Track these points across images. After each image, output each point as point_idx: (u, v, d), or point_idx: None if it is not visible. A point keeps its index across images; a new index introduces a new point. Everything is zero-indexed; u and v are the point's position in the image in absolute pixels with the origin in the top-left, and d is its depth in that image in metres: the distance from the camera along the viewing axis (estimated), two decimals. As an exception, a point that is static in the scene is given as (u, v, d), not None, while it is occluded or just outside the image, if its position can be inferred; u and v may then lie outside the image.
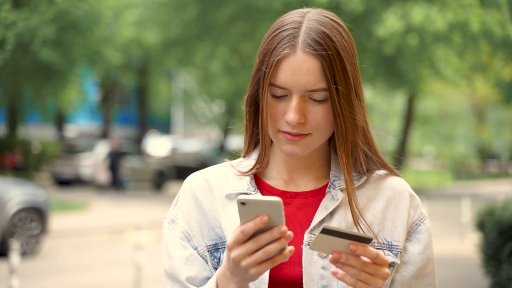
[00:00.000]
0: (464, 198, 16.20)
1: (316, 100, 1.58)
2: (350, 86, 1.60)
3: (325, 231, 1.40)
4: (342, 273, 1.45)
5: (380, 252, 1.46)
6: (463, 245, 13.74)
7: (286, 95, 1.59)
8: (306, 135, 1.60)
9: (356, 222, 1.62)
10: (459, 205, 16.66)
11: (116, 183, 23.64)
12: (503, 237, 7.37)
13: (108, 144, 24.96)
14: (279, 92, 1.59)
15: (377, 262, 1.43)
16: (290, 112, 1.57)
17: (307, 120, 1.59)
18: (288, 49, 1.57)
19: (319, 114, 1.59)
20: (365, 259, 1.43)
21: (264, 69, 1.59)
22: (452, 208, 20.16)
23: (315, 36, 1.58)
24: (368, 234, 1.47)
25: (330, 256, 1.44)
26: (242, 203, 1.40)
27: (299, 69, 1.56)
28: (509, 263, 7.28)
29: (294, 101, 1.57)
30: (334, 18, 1.64)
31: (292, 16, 1.63)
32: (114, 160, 23.35)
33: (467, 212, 15.00)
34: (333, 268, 1.54)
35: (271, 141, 1.70)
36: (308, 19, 1.61)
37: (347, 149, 1.63)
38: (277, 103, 1.60)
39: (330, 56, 1.57)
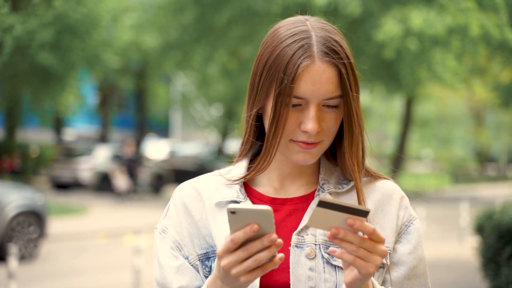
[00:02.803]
0: (463, 202, 16.21)
1: (329, 107, 1.59)
2: (358, 92, 1.62)
3: (322, 204, 1.40)
4: (341, 250, 1.45)
5: (377, 229, 1.45)
6: (462, 248, 13.73)
7: (301, 105, 1.59)
8: (318, 142, 1.61)
9: None
10: (458, 208, 16.67)
11: (136, 189, 23.58)
12: (502, 240, 7.36)
13: (124, 150, 24.77)
14: (295, 102, 1.59)
15: (373, 238, 1.43)
16: (309, 122, 1.57)
17: (322, 128, 1.60)
18: (307, 59, 1.57)
19: (331, 120, 1.60)
20: (363, 235, 1.44)
21: (288, 84, 1.57)
22: (451, 211, 20.16)
23: (328, 44, 1.58)
24: (365, 207, 1.47)
25: (328, 233, 1.43)
26: (232, 212, 1.40)
27: (318, 78, 1.56)
28: (508, 267, 7.27)
29: (312, 111, 1.58)
30: (332, 25, 1.65)
31: (295, 25, 1.63)
32: (132, 166, 23.22)
33: (466, 216, 15.00)
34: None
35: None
36: (314, 28, 1.61)
37: (359, 157, 1.64)
38: (291, 113, 1.60)
39: (346, 63, 1.58)
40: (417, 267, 1.69)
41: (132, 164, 23.25)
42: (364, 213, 1.41)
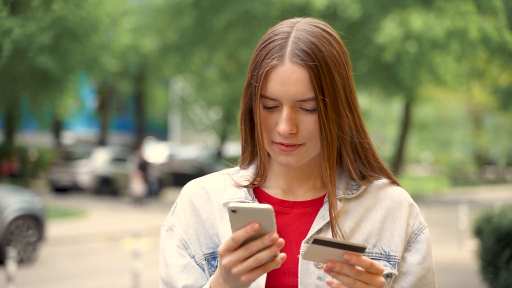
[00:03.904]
0: (462, 205, 16.21)
1: (307, 110, 1.57)
2: (339, 97, 1.58)
3: (317, 242, 1.40)
4: (337, 282, 1.44)
5: (375, 261, 1.45)
6: (460, 251, 13.73)
7: (278, 106, 1.58)
8: (299, 145, 1.59)
9: (333, 235, 1.60)
10: (457, 211, 16.67)
11: (150, 193, 23.59)
12: (501, 243, 7.36)
13: (137, 154, 24.72)
14: (270, 103, 1.58)
15: (371, 271, 1.43)
16: (281, 123, 1.56)
17: (300, 130, 1.58)
18: (276, 60, 1.56)
19: (311, 123, 1.57)
20: (359, 268, 1.43)
21: (253, 83, 1.59)
22: (450, 214, 20.16)
23: (302, 46, 1.56)
24: (362, 243, 1.46)
25: (324, 265, 1.43)
26: (233, 211, 1.39)
27: (287, 79, 1.55)
28: (507, 270, 7.27)
29: (285, 112, 1.56)
30: (324, 27, 1.62)
31: (281, 26, 1.62)
32: (145, 170, 23.23)
33: (465, 219, 15.00)
34: (329, 278, 1.54)
35: (267, 153, 1.68)
36: (297, 29, 1.59)
37: (332, 161, 1.61)
38: (269, 114, 1.59)
39: (318, 66, 1.55)
40: (425, 277, 1.68)
41: (145, 168, 23.26)
42: (360, 250, 1.40)
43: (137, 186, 22.90)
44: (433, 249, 1.72)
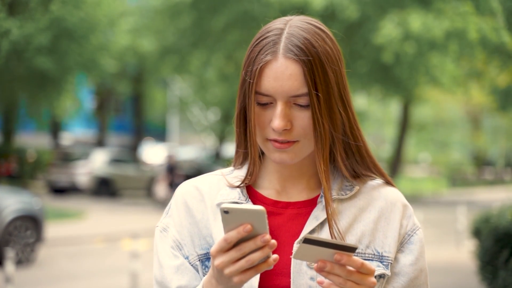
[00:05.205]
0: (460, 205, 16.22)
1: (301, 106, 1.57)
2: (332, 92, 1.58)
3: (307, 241, 1.39)
4: (328, 282, 1.44)
5: (366, 261, 1.44)
6: (459, 252, 13.74)
7: (271, 103, 1.57)
8: (293, 142, 1.58)
9: (331, 232, 1.60)
10: (455, 212, 16.67)
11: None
12: (499, 244, 7.37)
13: (167, 159, 24.81)
14: (264, 99, 1.57)
15: (362, 271, 1.42)
16: (275, 119, 1.55)
17: (294, 127, 1.57)
18: (269, 56, 1.56)
19: (305, 119, 1.57)
20: (350, 268, 1.43)
21: (248, 79, 1.58)
22: (448, 215, 20.17)
23: (296, 41, 1.56)
24: (352, 243, 1.46)
25: (315, 265, 1.43)
26: (225, 212, 1.39)
27: (281, 74, 1.55)
28: (505, 270, 7.27)
29: (279, 108, 1.55)
30: (317, 24, 1.63)
31: (275, 24, 1.63)
32: (172, 173, 23.28)
33: (463, 219, 15.01)
34: (321, 278, 1.54)
35: (262, 152, 1.67)
36: (290, 26, 1.60)
37: (326, 156, 1.60)
38: (263, 111, 1.58)
39: (311, 61, 1.55)
40: (417, 278, 1.67)
41: (173, 172, 23.26)
42: (351, 250, 1.40)
43: (163, 189, 22.99)
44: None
